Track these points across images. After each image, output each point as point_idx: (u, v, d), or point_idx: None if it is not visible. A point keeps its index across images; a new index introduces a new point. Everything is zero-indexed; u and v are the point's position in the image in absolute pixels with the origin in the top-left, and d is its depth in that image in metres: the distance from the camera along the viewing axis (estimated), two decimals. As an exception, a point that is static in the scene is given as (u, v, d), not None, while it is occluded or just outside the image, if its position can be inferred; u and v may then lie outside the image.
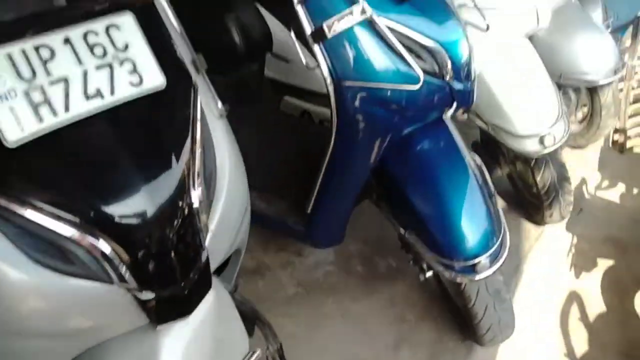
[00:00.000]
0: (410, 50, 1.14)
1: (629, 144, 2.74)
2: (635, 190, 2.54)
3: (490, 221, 1.27)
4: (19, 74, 0.64)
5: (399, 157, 1.30)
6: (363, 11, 1.08)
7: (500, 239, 1.27)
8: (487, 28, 1.38)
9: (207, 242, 0.79)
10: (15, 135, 0.63)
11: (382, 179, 1.36)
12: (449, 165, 1.28)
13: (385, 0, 1.12)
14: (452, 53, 1.17)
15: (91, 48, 0.69)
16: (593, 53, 1.98)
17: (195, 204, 0.75)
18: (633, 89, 2.74)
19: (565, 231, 2.21)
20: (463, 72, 1.21)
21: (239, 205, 0.90)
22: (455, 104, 1.24)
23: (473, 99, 1.27)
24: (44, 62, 0.66)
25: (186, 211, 0.74)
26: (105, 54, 0.70)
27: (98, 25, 0.70)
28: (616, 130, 2.73)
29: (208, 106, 0.87)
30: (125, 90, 0.71)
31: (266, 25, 1.57)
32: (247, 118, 1.78)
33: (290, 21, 1.15)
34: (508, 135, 1.68)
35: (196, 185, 0.75)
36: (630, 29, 2.55)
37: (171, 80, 0.76)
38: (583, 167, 2.39)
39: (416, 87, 1.13)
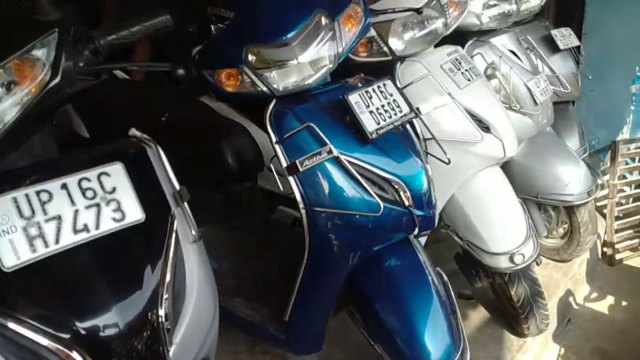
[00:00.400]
0: (372, 182, 1.31)
1: (618, 256, 2.82)
2: (624, 303, 2.58)
3: (452, 336, 1.35)
4: (20, 213, 0.80)
5: (369, 273, 1.41)
6: (330, 151, 1.25)
7: (460, 353, 1.34)
8: (449, 162, 1.55)
9: (171, 354, 0.90)
10: (11, 262, 0.78)
11: (354, 292, 1.47)
12: (413, 283, 1.39)
13: (350, 141, 1.30)
14: (410, 185, 1.33)
15: (84, 192, 0.86)
16: (567, 177, 2.14)
17: (162, 320, 0.87)
18: (621, 205, 2.86)
19: (552, 342, 2.24)
20: (422, 200, 1.36)
21: (205, 320, 1.03)
22: (417, 228, 1.37)
23: (434, 223, 1.40)
24: (43, 204, 0.82)
25: (154, 325, 0.86)
26: (95, 195, 0.87)
27: (92, 173, 0.88)
28: (605, 244, 2.83)
29: (184, 232, 1.01)
30: (108, 225, 0.86)
31: (258, 149, 1.76)
32: (240, 229, 1.94)
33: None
34: (481, 252, 1.80)
35: (164, 304, 0.88)
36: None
37: (150, 214, 0.91)
38: (570, 279, 2.45)
39: (377, 214, 1.28)
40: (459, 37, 2.16)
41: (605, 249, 2.84)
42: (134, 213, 0.89)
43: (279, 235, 1.99)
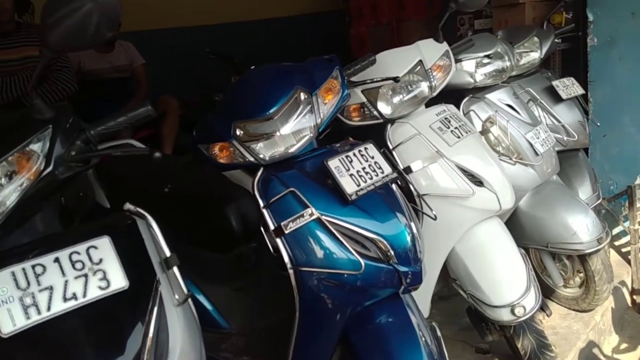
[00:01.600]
0: (355, 241, 1.38)
1: (648, 305, 2.72)
2: (656, 353, 2.47)
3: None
4: (17, 285, 0.93)
5: (359, 329, 1.46)
6: (312, 214, 1.35)
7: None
8: (435, 218, 1.61)
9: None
10: (8, 329, 0.90)
11: (346, 349, 1.51)
12: (402, 341, 1.42)
13: (333, 203, 1.39)
14: (393, 243, 1.39)
15: (73, 264, 0.98)
16: (574, 225, 2.14)
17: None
18: (646, 250, 2.79)
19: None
20: (408, 256, 1.41)
21: (189, 380, 1.10)
22: (404, 284, 1.43)
23: (421, 278, 1.45)
24: (37, 276, 0.94)
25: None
26: (83, 267, 0.99)
27: (81, 247, 1.00)
28: (633, 291, 2.74)
29: (169, 296, 1.11)
30: (94, 293, 0.98)
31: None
32: (250, 288, 2.02)
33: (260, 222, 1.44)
34: (483, 305, 1.82)
35: (145, 367, 0.97)
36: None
37: (134, 282, 1.02)
38: (592, 329, 2.39)
39: (359, 271, 1.35)
40: (456, 94, 2.26)
41: (634, 297, 2.76)
42: (118, 281, 1.00)
43: (289, 291, 2.06)
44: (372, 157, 1.49)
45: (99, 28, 0.98)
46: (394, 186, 1.55)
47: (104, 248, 1.02)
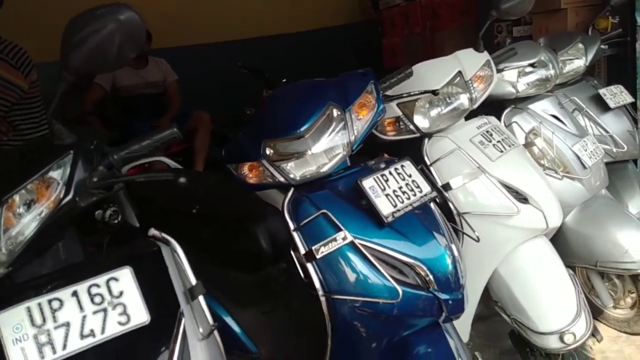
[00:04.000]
0: (392, 267, 1.29)
1: None
2: None
3: None
4: (32, 321, 0.87)
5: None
6: (345, 237, 1.26)
7: None
8: (478, 239, 1.50)
9: None
10: (21, 370, 0.84)
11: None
12: (443, 373, 1.32)
13: (367, 226, 1.30)
14: (433, 268, 1.30)
15: (92, 297, 0.92)
16: (626, 242, 1.99)
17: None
18: None
19: None
20: (449, 282, 1.32)
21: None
22: (445, 312, 1.32)
23: (463, 306, 1.35)
24: (53, 311, 0.89)
25: None
26: (102, 301, 0.93)
27: (101, 279, 0.94)
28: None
29: (193, 329, 1.05)
30: (113, 329, 0.92)
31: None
32: (279, 310, 1.95)
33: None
34: (529, 331, 1.69)
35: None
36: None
37: (155, 316, 0.96)
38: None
39: (397, 300, 1.25)
40: (498, 105, 2.15)
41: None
42: (139, 316, 0.94)
43: (320, 314, 1.98)
44: (410, 176, 1.41)
45: (122, 49, 0.93)
46: (432, 205, 1.45)
47: (125, 280, 0.96)
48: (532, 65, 2.09)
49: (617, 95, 2.48)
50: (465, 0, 4.03)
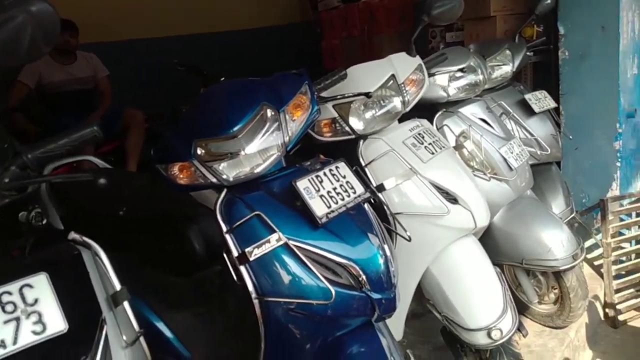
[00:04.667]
0: (326, 267, 1.29)
1: (621, 317, 2.71)
2: (631, 368, 2.44)
3: None
4: None
5: (330, 360, 1.36)
6: (279, 239, 1.25)
7: None
8: (409, 239, 1.53)
9: None
10: None
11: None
12: (375, 372, 1.33)
13: (301, 227, 1.29)
14: (365, 268, 1.30)
15: (3, 306, 0.86)
16: (549, 241, 2.10)
17: None
18: (621, 262, 2.78)
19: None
20: (381, 282, 1.33)
21: None
22: (377, 311, 1.34)
23: (395, 305, 1.36)
24: (-42, 322, 0.82)
25: None
26: (15, 309, 0.87)
27: (14, 286, 0.88)
28: (606, 305, 2.72)
29: (116, 337, 1.00)
30: (27, 338, 0.86)
31: (228, 233, 1.76)
32: (213, 313, 1.91)
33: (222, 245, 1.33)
34: (458, 327, 1.75)
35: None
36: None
37: (74, 324, 0.91)
38: (567, 347, 2.34)
39: (329, 301, 1.25)
40: (429, 108, 2.20)
41: (606, 310, 2.74)
42: (56, 324, 0.89)
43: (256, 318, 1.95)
44: (344, 177, 1.41)
45: (35, 42, 0.87)
46: (366, 206, 1.47)
47: (40, 286, 0.90)
48: (462, 70, 2.16)
49: (541, 100, 2.61)
50: (402, 5, 4.11)
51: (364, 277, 1.30)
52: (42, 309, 0.89)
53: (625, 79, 2.79)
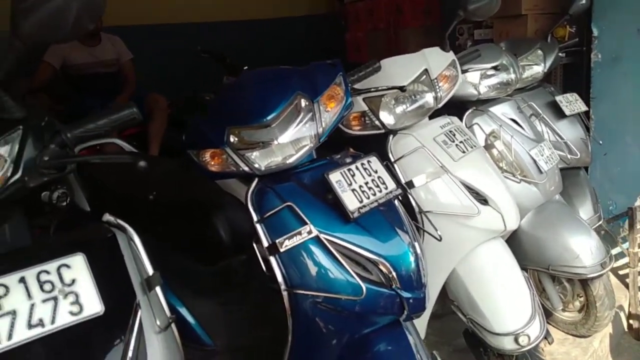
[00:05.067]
0: (356, 263, 1.27)
1: (645, 329, 2.64)
2: (656, 381, 2.40)
3: None
4: (-27, 308, 0.80)
5: (356, 356, 1.35)
6: (310, 231, 1.23)
7: None
8: (440, 239, 1.51)
9: None
10: (-40, 360, 0.77)
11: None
12: (402, 371, 1.32)
13: (332, 220, 1.28)
14: (396, 265, 1.28)
15: (41, 285, 0.85)
16: (577, 248, 2.05)
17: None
18: (641, 274, 2.71)
19: None
20: (411, 281, 1.31)
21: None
22: (406, 311, 1.32)
23: (424, 305, 1.34)
24: (-2, 298, 0.82)
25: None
26: (53, 288, 0.86)
27: (51, 265, 0.87)
28: (630, 316, 2.67)
29: (150, 321, 0.99)
30: (64, 319, 0.85)
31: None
32: (236, 302, 1.91)
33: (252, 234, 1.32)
34: (484, 331, 1.72)
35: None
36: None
37: (110, 306, 0.90)
38: (590, 356, 2.30)
39: (360, 297, 1.23)
40: (459, 106, 2.17)
41: (631, 322, 2.68)
42: (92, 306, 0.88)
43: (278, 306, 1.95)
44: (376, 172, 1.39)
45: (80, 18, 0.86)
46: (396, 202, 1.44)
47: (77, 267, 0.90)
48: (495, 68, 2.12)
49: (572, 103, 2.56)
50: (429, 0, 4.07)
51: (394, 274, 1.28)
52: (79, 289, 0.88)
53: (658, 84, 2.73)
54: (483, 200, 1.74)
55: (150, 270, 1.05)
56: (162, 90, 3.81)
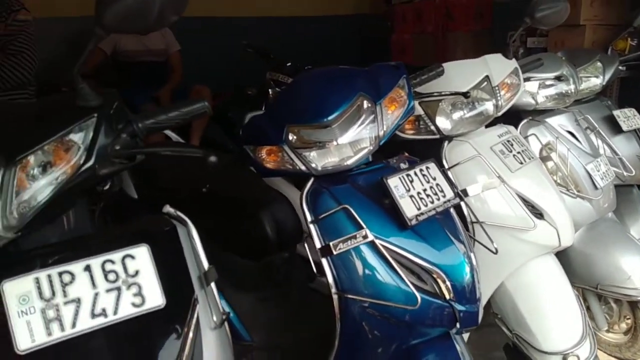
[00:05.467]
0: (411, 271, 1.24)
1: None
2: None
3: None
4: (40, 294, 0.80)
5: (404, 367, 1.32)
6: (365, 236, 1.21)
7: None
8: (496, 252, 1.46)
9: None
10: (25, 345, 0.77)
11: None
12: (451, 386, 1.28)
13: (388, 226, 1.25)
14: (451, 276, 1.25)
15: (106, 274, 0.85)
16: (629, 268, 1.97)
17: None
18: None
19: None
20: (465, 293, 1.27)
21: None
22: (459, 324, 1.28)
23: (477, 320, 1.30)
24: (64, 285, 0.82)
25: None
26: (117, 279, 0.86)
27: (116, 255, 0.87)
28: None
29: (206, 317, 0.98)
30: (127, 310, 0.85)
31: (299, 221, 1.73)
32: (276, 299, 1.89)
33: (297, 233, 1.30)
34: (531, 348, 1.66)
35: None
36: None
37: (170, 300, 0.89)
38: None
39: (414, 307, 1.20)
40: (514, 115, 2.10)
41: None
42: (155, 298, 0.87)
43: (317, 306, 1.93)
44: (434, 179, 1.35)
45: (164, 11, 0.85)
46: (452, 211, 1.40)
47: (141, 258, 0.89)
48: (558, 78, 2.05)
49: (630, 118, 2.46)
50: (480, 4, 3.98)
51: (448, 284, 1.24)
52: (142, 281, 0.88)
53: None
54: (539, 214, 1.68)
55: (206, 265, 1.04)
56: (205, 82, 3.83)
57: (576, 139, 2.16)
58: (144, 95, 3.39)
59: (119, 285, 0.86)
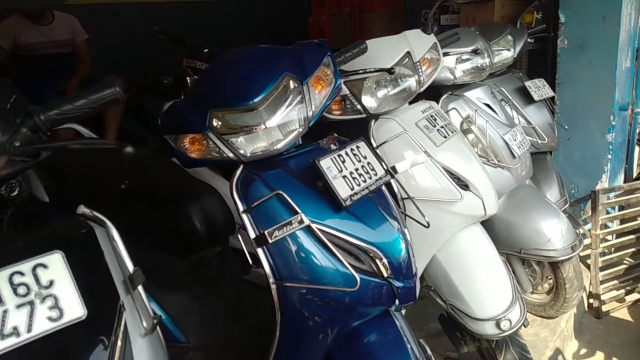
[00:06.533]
0: (348, 252, 1.22)
1: (605, 308, 2.74)
2: (614, 359, 2.48)
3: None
4: None
5: (346, 351, 1.30)
6: (301, 221, 1.17)
7: None
8: (428, 225, 1.48)
9: None
10: None
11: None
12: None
13: (323, 209, 1.21)
14: (388, 252, 1.24)
15: (15, 288, 0.75)
16: (549, 232, 2.08)
17: None
18: (604, 255, 2.81)
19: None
20: (402, 268, 1.27)
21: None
22: (398, 300, 1.28)
23: (415, 295, 1.31)
24: (-36, 306, 0.71)
25: None
26: (28, 292, 0.76)
27: (26, 265, 0.77)
28: (590, 295, 2.75)
29: (135, 324, 0.90)
30: (43, 326, 0.75)
31: (229, 211, 1.66)
32: (210, 296, 1.82)
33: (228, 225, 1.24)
34: (465, 316, 1.71)
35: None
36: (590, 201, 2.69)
37: (93, 309, 0.80)
38: (558, 337, 2.35)
39: (354, 288, 1.18)
40: (434, 91, 2.14)
41: (591, 301, 2.77)
42: (74, 310, 0.78)
43: (253, 299, 1.87)
44: (365, 157, 1.33)
45: None
46: (384, 188, 1.39)
47: (55, 267, 0.80)
48: (475, 52, 2.10)
49: (540, 88, 2.58)
50: (394, -15, 4.03)
51: (385, 261, 1.24)
52: (58, 292, 0.78)
53: (620, 71, 2.80)
54: (464, 185, 1.72)
55: (131, 267, 0.96)
56: (117, 73, 3.60)
57: (493, 110, 2.24)
58: (51, 89, 3.14)
59: (32, 299, 0.76)
